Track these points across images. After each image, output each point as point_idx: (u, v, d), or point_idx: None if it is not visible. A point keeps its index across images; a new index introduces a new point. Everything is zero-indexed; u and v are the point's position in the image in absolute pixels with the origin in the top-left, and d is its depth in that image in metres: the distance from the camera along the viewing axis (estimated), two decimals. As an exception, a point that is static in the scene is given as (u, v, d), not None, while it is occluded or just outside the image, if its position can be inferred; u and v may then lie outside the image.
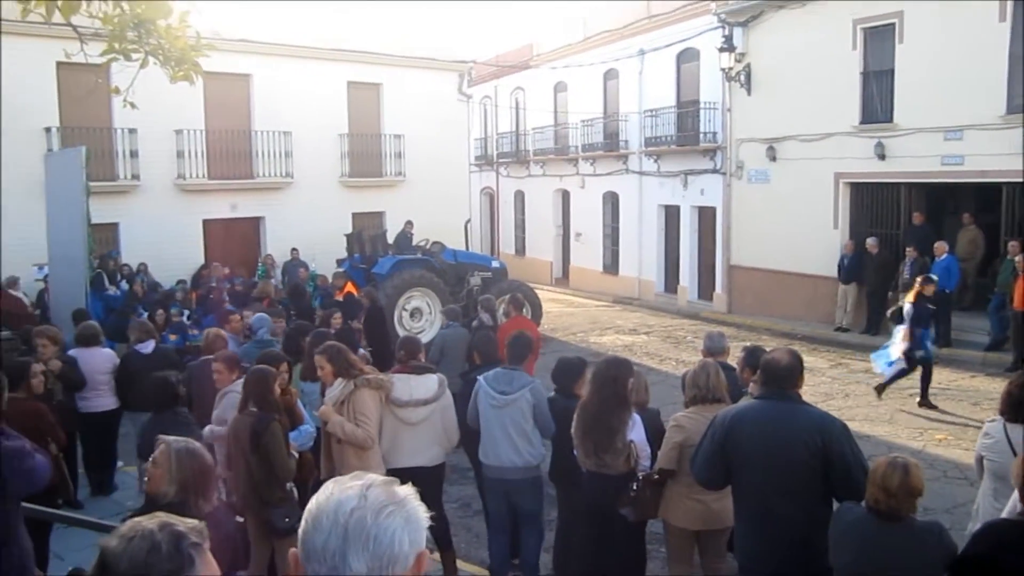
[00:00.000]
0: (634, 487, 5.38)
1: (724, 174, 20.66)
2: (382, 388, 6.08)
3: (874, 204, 17.45)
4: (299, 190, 21.41)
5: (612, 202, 25.72)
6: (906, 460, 3.84)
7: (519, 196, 31.28)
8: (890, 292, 16.24)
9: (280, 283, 18.79)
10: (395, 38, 22.22)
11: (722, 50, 19.52)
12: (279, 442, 5.61)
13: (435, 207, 22.00)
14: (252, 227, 21.51)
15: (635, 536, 5.76)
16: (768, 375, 4.59)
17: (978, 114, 14.71)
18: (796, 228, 18.55)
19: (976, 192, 16.78)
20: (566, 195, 28.26)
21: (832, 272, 17.50)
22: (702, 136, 21.04)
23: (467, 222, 22.10)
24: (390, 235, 19.11)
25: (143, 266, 17.88)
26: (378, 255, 17.73)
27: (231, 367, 6.53)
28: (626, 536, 5.63)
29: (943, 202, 17.59)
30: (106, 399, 8.53)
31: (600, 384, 5.57)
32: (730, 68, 19.64)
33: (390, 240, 18.73)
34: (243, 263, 20.36)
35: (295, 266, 19.20)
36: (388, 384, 6.13)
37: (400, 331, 15.04)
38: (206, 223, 20.45)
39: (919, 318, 11.34)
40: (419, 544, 1.67)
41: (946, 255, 14.86)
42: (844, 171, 17.58)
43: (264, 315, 9.98)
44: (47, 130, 17.69)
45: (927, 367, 11.69)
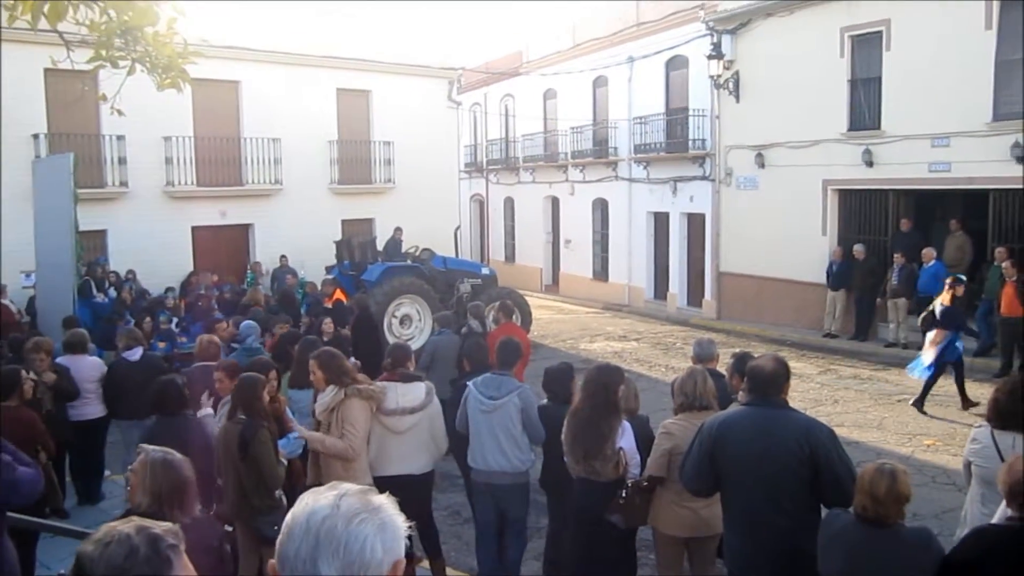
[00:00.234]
0: (623, 494, 5.38)
1: (713, 181, 20.72)
2: (373, 399, 6.01)
3: (862, 211, 17.53)
4: (288, 197, 21.36)
5: (602, 209, 25.75)
6: (893, 466, 3.84)
7: (509, 203, 31.29)
8: (878, 299, 16.33)
9: (269, 290, 18.75)
10: (384, 45, 22.20)
11: (711, 57, 19.59)
12: (268, 450, 5.58)
13: (425, 214, 21.98)
14: (241, 234, 21.43)
15: (625, 543, 5.76)
16: (754, 382, 4.61)
17: (965, 121, 14.80)
18: (785, 235, 18.61)
19: (963, 199, 16.86)
20: (556, 202, 28.28)
21: (821, 278, 17.55)
22: (691, 143, 21.10)
23: (457, 229, 22.09)
24: (379, 242, 19.08)
25: (131, 273, 17.80)
26: (367, 262, 17.71)
27: (232, 375, 6.50)
28: (616, 543, 5.63)
29: (931, 209, 17.66)
30: (93, 407, 8.46)
31: (591, 391, 5.57)
32: (719, 75, 19.71)
33: (379, 247, 18.70)
34: (232, 270, 20.31)
35: (284, 273, 19.15)
36: (379, 395, 6.07)
37: (390, 338, 15.00)
38: (195, 230, 20.37)
39: (952, 320, 11.31)
40: (395, 552, 1.67)
41: (934, 261, 14.92)
42: (832, 178, 17.65)
43: (252, 323, 9.93)
44: (35, 137, 17.60)
45: (960, 370, 11.67)
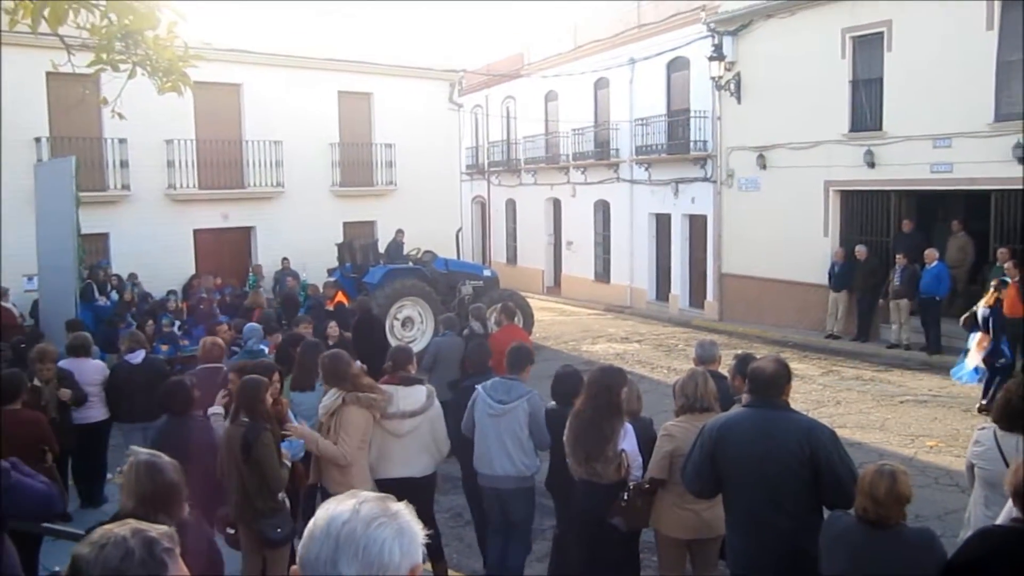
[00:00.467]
0: (624, 496, 5.37)
1: (715, 182, 20.71)
2: (373, 407, 5.96)
3: (864, 212, 17.52)
4: (290, 200, 21.38)
5: (603, 210, 25.75)
6: (893, 467, 3.83)
7: (510, 205, 31.30)
8: (880, 300, 16.31)
9: (271, 293, 18.76)
10: (385, 47, 22.23)
11: (712, 59, 19.58)
12: (271, 452, 5.58)
13: (426, 216, 21.99)
14: (243, 237, 21.45)
15: (628, 545, 5.76)
16: (755, 383, 4.60)
17: (967, 122, 14.79)
18: (787, 236, 18.60)
19: (965, 199, 16.85)
20: (557, 204, 28.29)
21: (823, 280, 17.53)
22: (692, 144, 21.10)
23: (458, 231, 22.08)
24: (381, 244, 19.08)
25: (133, 277, 17.82)
26: (369, 264, 17.70)
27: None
28: (619, 545, 5.62)
29: (932, 210, 17.64)
30: (96, 410, 8.46)
31: (594, 392, 5.56)
32: (720, 77, 19.70)
33: (381, 249, 18.70)
34: (234, 273, 20.32)
35: (285, 276, 19.15)
36: (381, 403, 5.99)
37: (392, 340, 15.00)
38: (197, 233, 20.39)
39: (997, 323, 11.24)
40: (413, 556, 1.71)
41: (936, 262, 14.90)
42: (834, 179, 17.64)
43: (255, 325, 9.97)
44: (37, 140, 17.63)
45: (1005, 374, 11.44)
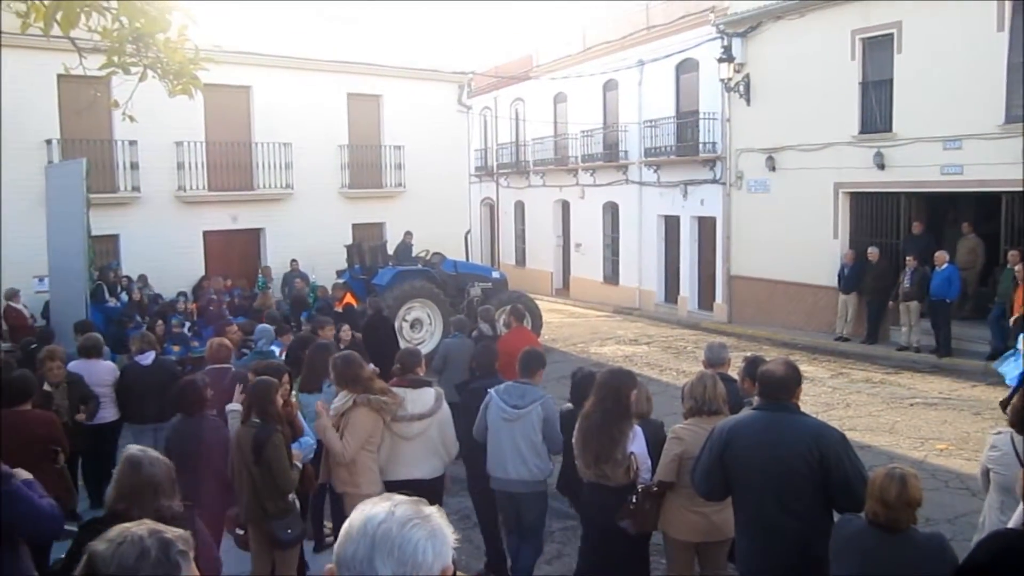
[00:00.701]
0: (633, 500, 5.36)
1: (724, 184, 20.68)
2: (383, 410, 5.98)
3: (874, 214, 17.45)
4: (299, 201, 21.41)
5: (612, 212, 25.74)
6: (903, 471, 3.81)
7: (519, 207, 31.30)
8: (890, 302, 16.24)
9: (281, 294, 18.81)
10: (395, 50, 22.26)
11: (721, 60, 19.56)
12: (281, 453, 5.59)
13: (435, 218, 21.99)
14: (252, 239, 21.49)
15: (638, 548, 5.75)
16: (765, 386, 4.59)
17: (977, 123, 14.73)
18: (796, 238, 18.55)
19: (976, 201, 16.79)
20: (566, 205, 28.28)
21: (832, 282, 17.48)
22: (701, 146, 21.07)
23: (467, 233, 22.12)
24: (390, 246, 19.10)
25: (143, 277, 17.87)
26: (378, 266, 17.73)
27: None
28: (629, 548, 5.62)
29: (943, 211, 17.58)
30: (107, 411, 8.48)
31: (603, 395, 5.56)
32: (729, 78, 19.67)
33: (390, 251, 18.72)
34: (243, 275, 20.37)
35: (294, 277, 19.19)
36: (391, 406, 6.01)
37: (400, 342, 15.02)
38: (206, 235, 20.43)
39: None
40: (444, 558, 1.79)
41: (947, 265, 14.85)
42: (844, 181, 17.59)
43: (266, 326, 10.00)
44: (48, 142, 17.69)
45: None
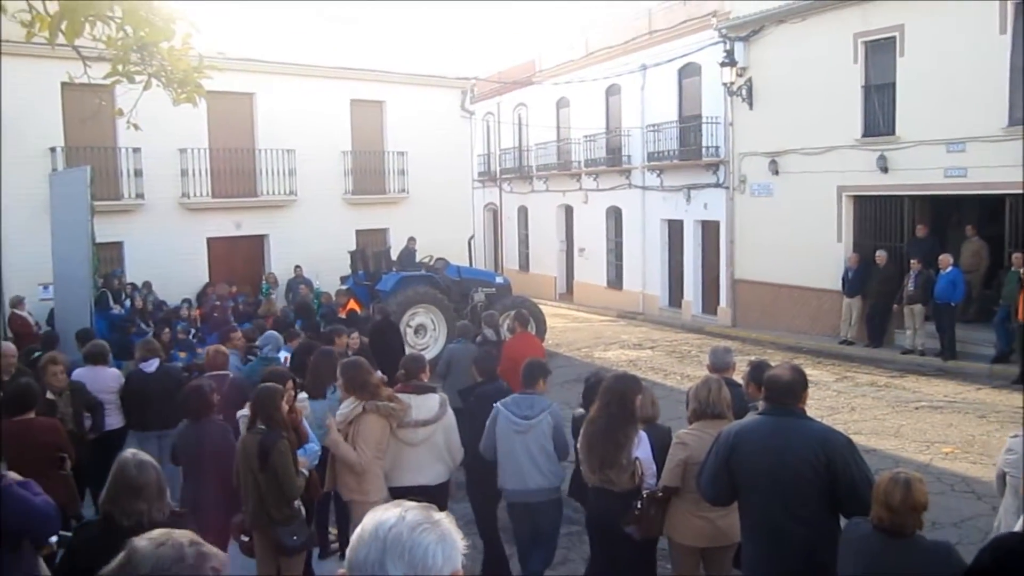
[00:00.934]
0: (638, 505, 5.36)
1: (727, 188, 20.68)
2: (392, 416, 6.00)
3: (877, 217, 17.44)
4: (303, 208, 21.44)
5: (615, 217, 25.74)
6: (908, 475, 3.80)
7: (522, 212, 31.32)
8: (895, 305, 16.22)
9: (285, 301, 18.82)
10: (397, 56, 22.31)
11: (723, 65, 19.57)
12: (287, 460, 5.60)
13: (438, 223, 22.00)
14: (256, 245, 21.52)
15: (645, 553, 5.74)
16: (771, 391, 4.59)
17: (980, 126, 14.73)
18: (800, 241, 18.54)
19: (979, 204, 16.77)
20: (569, 210, 28.29)
21: (836, 285, 17.47)
22: (704, 150, 21.08)
23: (471, 238, 22.14)
24: (394, 252, 19.12)
25: (147, 284, 17.91)
26: (382, 272, 17.74)
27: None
28: (636, 553, 5.61)
29: (946, 214, 17.56)
30: (112, 418, 8.49)
31: (607, 400, 5.57)
32: (732, 82, 19.68)
33: (394, 257, 18.73)
34: (248, 281, 20.40)
35: (298, 283, 19.21)
36: (399, 413, 6.03)
37: (405, 348, 15.00)
38: (210, 241, 20.47)
39: None
40: (453, 562, 1.84)
41: (951, 267, 14.82)
42: (847, 184, 17.58)
43: (273, 332, 10.01)
44: (52, 150, 17.74)
45: None
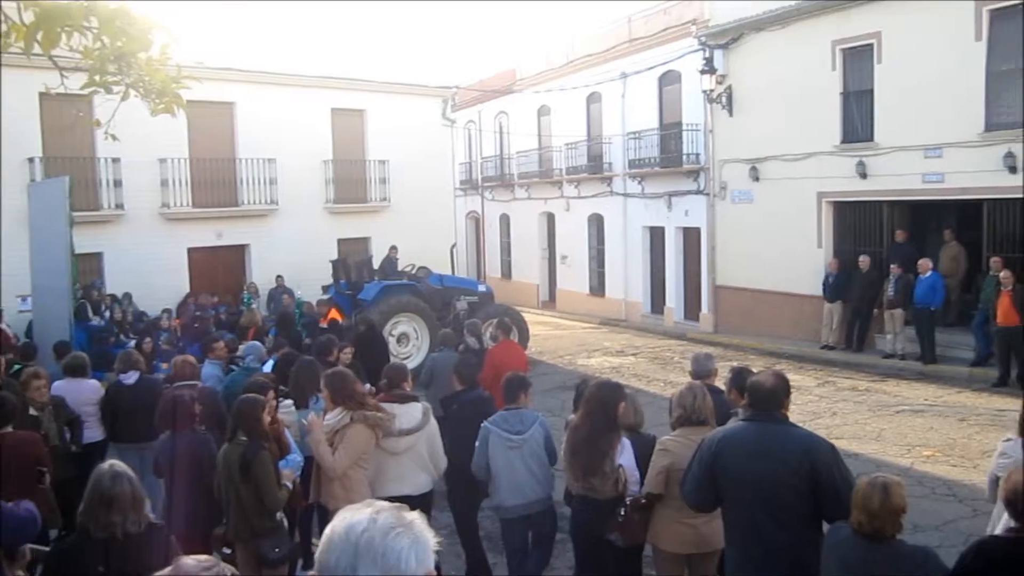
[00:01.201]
0: (622, 512, 5.36)
1: (708, 195, 20.77)
2: (379, 427, 5.98)
3: (857, 222, 17.57)
4: (284, 217, 21.38)
5: (597, 224, 25.79)
6: (886, 479, 3.81)
7: (504, 220, 31.33)
8: (875, 309, 16.33)
9: (266, 310, 18.73)
10: (378, 64, 22.32)
11: (703, 72, 19.69)
12: (269, 471, 5.56)
13: (420, 232, 22.00)
14: (237, 255, 21.44)
15: (631, 560, 5.75)
16: (754, 397, 4.60)
17: (957, 132, 14.87)
18: (780, 247, 18.64)
19: (957, 209, 16.90)
20: (551, 218, 28.33)
21: (817, 291, 17.56)
22: (685, 158, 21.16)
23: (453, 246, 22.11)
24: (375, 261, 19.07)
25: (128, 295, 17.78)
26: (364, 281, 17.68)
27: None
28: (621, 561, 5.61)
29: (925, 219, 17.70)
30: (93, 431, 8.41)
31: (590, 408, 5.57)
32: (711, 90, 19.79)
33: (376, 266, 18.68)
34: (229, 291, 20.30)
35: (280, 293, 19.12)
36: (386, 423, 6.02)
37: (390, 359, 14.95)
38: (191, 251, 20.37)
39: None
40: (427, 565, 1.79)
41: (931, 272, 14.95)
42: (827, 190, 17.69)
43: (256, 343, 9.97)
44: (30, 160, 17.63)
45: None
